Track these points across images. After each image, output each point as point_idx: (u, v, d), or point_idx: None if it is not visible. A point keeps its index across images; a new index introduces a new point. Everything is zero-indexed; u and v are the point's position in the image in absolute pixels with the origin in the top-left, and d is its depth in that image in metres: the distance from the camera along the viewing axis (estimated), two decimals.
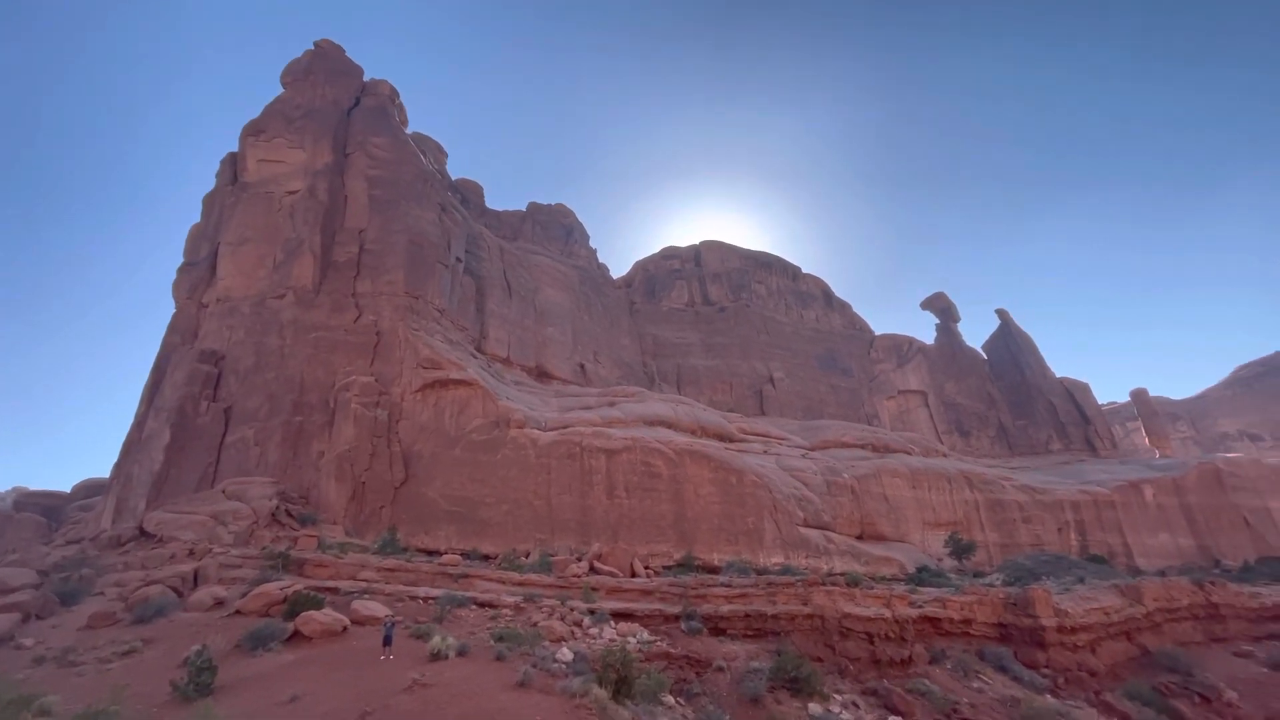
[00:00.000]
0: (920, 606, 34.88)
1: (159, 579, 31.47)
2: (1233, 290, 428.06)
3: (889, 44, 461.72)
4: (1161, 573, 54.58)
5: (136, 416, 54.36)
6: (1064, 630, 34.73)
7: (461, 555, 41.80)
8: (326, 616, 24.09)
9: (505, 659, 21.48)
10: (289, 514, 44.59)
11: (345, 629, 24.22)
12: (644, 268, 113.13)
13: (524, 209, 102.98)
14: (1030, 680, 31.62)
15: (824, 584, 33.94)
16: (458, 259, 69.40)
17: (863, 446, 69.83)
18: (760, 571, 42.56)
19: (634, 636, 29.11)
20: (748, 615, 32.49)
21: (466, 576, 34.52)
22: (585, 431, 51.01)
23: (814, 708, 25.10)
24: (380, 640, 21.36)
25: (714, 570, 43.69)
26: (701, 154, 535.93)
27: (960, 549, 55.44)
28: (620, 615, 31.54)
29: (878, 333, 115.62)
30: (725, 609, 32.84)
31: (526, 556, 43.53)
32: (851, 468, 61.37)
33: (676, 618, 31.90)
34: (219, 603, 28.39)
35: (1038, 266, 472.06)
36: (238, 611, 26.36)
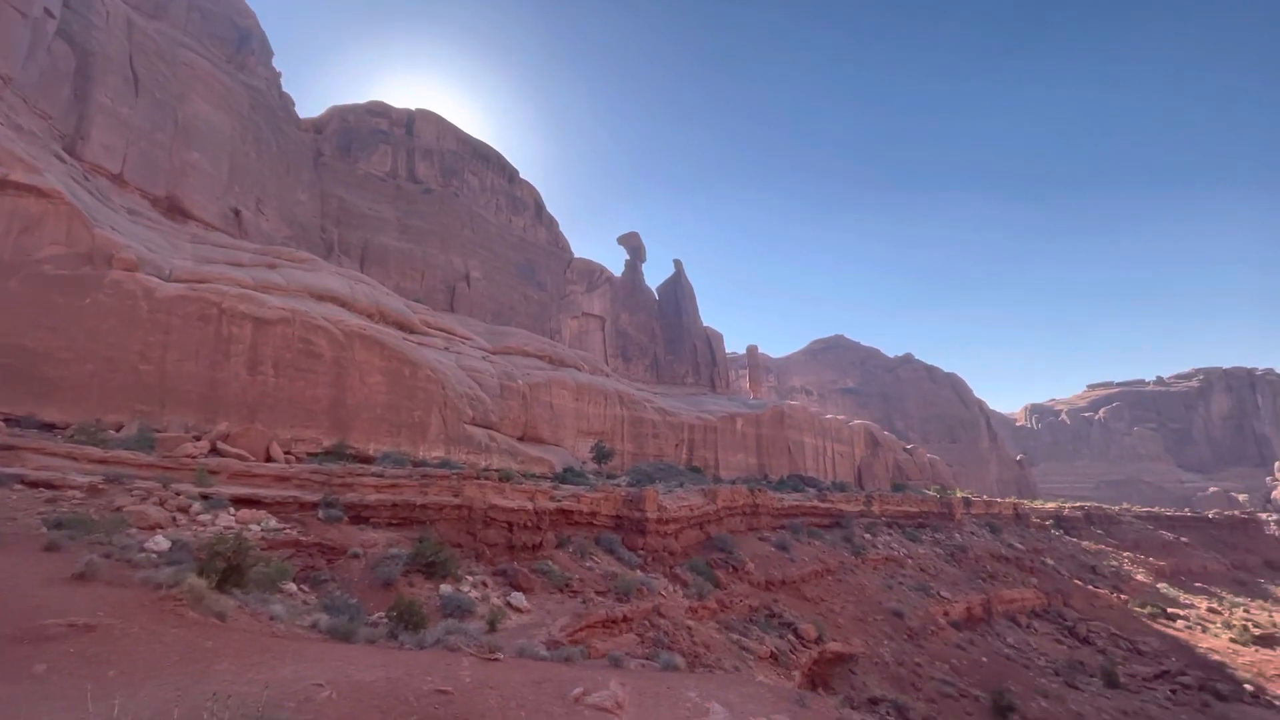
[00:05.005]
0: (559, 501, 39.59)
1: None
2: (827, 276, 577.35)
3: None
4: (733, 482, 72.47)
5: None
6: (660, 522, 43.66)
7: (5, 421, 31.19)
8: None
9: (62, 548, 17.08)
10: None
11: None
12: (342, 116, 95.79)
13: None
14: (629, 560, 39.17)
15: (479, 478, 35.72)
16: (48, 12, 48.02)
17: (542, 357, 74.09)
18: (418, 464, 42.53)
19: (258, 524, 26.29)
20: (395, 505, 32.32)
21: (12, 448, 26.05)
22: (229, 292, 42.17)
23: (445, 588, 26.66)
24: None
25: (369, 460, 41.88)
26: (428, 12, 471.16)
27: (602, 455, 64.45)
28: (245, 501, 28.03)
29: (576, 255, 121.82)
30: (372, 498, 32.04)
31: (119, 430, 34.88)
32: (527, 375, 64.78)
33: (315, 505, 29.88)
34: None
35: (715, 225, 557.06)
36: None
